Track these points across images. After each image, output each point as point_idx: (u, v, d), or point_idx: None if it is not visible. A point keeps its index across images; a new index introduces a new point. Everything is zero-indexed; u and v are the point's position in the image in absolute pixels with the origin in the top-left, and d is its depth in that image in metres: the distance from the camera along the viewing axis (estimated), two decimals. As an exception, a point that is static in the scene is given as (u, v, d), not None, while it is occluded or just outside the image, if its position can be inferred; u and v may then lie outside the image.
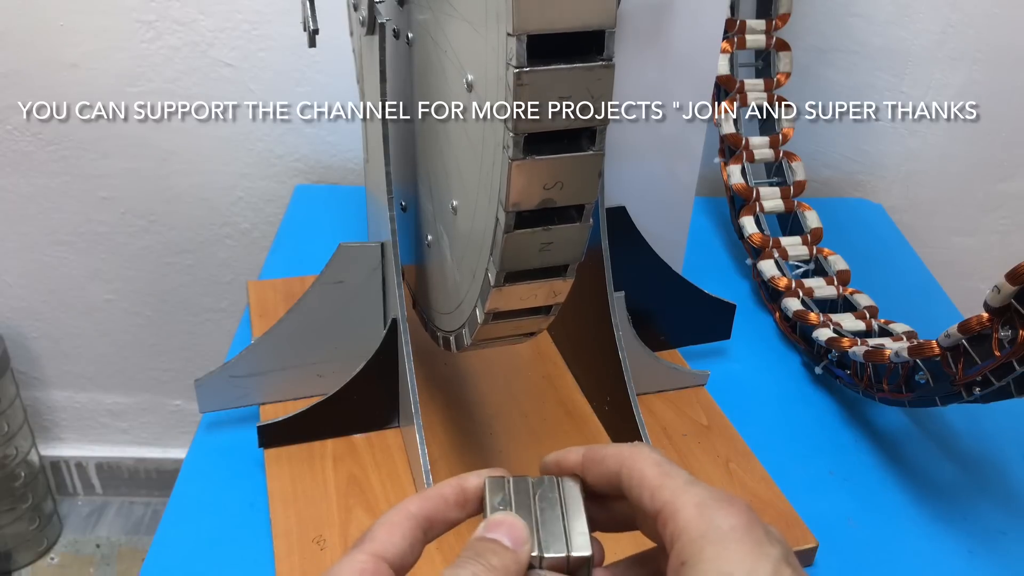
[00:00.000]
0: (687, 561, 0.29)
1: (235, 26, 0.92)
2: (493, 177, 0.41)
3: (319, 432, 0.62)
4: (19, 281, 1.11)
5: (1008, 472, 0.66)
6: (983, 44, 0.94)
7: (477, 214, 0.45)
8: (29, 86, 0.96)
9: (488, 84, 0.40)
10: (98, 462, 1.31)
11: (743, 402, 0.69)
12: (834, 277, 0.78)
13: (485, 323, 0.47)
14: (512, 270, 0.44)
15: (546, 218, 0.42)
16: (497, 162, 0.40)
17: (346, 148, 1.00)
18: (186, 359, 1.18)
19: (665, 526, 0.30)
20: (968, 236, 1.07)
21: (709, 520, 0.29)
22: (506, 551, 0.31)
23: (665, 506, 0.30)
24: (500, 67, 0.38)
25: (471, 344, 0.50)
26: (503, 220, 0.41)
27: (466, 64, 0.43)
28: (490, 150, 0.41)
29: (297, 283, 0.77)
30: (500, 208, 0.41)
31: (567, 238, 0.43)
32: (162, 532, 0.57)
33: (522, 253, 0.43)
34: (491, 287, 0.44)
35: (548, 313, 0.48)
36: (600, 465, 0.33)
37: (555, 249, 0.43)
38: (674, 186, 0.72)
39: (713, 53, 0.67)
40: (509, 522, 0.32)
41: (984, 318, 0.48)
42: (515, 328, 0.49)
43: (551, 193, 0.40)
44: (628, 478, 0.32)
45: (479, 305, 0.47)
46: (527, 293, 0.45)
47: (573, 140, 0.40)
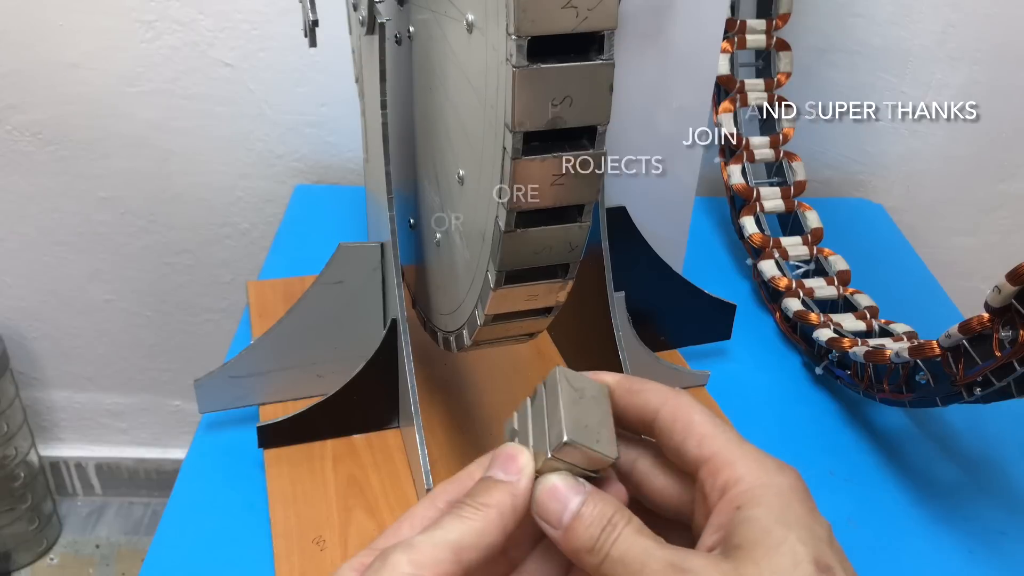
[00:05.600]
0: (743, 506, 0.28)
1: (235, 26, 0.92)
2: (498, 110, 0.39)
3: (319, 432, 0.61)
4: (19, 281, 1.11)
5: (1008, 472, 0.66)
6: (983, 44, 0.94)
7: (484, 167, 0.43)
8: (29, 86, 0.96)
9: (488, 11, 0.38)
10: (98, 462, 1.31)
11: (743, 402, 0.69)
12: (834, 277, 0.78)
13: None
14: (524, 208, 0.41)
15: (556, 144, 0.39)
16: (501, 89, 0.38)
17: (346, 148, 1.00)
18: (186, 359, 1.18)
19: (716, 474, 0.29)
20: (968, 236, 1.07)
21: (769, 475, 0.29)
22: (499, 485, 0.31)
23: (717, 455, 0.30)
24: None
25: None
26: (510, 146, 0.38)
27: (465, 7, 0.41)
28: (493, 80, 0.39)
29: (297, 283, 0.77)
30: (507, 133, 0.38)
31: (580, 168, 0.40)
32: (162, 532, 0.57)
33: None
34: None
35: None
36: (635, 397, 0.32)
37: (568, 183, 0.40)
38: (674, 186, 0.72)
39: (713, 53, 0.67)
40: (505, 454, 0.32)
41: (985, 318, 0.48)
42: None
43: (559, 111, 0.38)
44: (671, 420, 0.31)
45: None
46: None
47: (581, 49, 0.37)
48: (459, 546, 0.29)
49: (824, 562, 0.27)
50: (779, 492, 0.29)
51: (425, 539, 0.29)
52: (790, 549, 0.27)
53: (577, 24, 0.36)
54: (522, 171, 0.39)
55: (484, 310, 0.46)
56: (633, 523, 0.30)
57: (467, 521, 0.30)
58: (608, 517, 0.30)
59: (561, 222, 0.42)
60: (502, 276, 0.44)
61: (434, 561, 0.28)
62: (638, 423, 0.33)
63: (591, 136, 0.39)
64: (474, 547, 0.29)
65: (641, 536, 0.29)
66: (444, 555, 0.28)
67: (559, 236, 0.43)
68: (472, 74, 0.42)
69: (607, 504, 0.30)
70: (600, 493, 0.31)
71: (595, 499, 0.30)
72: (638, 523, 0.30)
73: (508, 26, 0.36)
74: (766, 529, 0.28)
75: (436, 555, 0.28)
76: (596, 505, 0.30)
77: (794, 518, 0.28)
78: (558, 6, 0.35)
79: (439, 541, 0.29)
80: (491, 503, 0.30)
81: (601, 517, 0.30)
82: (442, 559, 0.28)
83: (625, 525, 0.29)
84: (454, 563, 0.29)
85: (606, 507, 0.30)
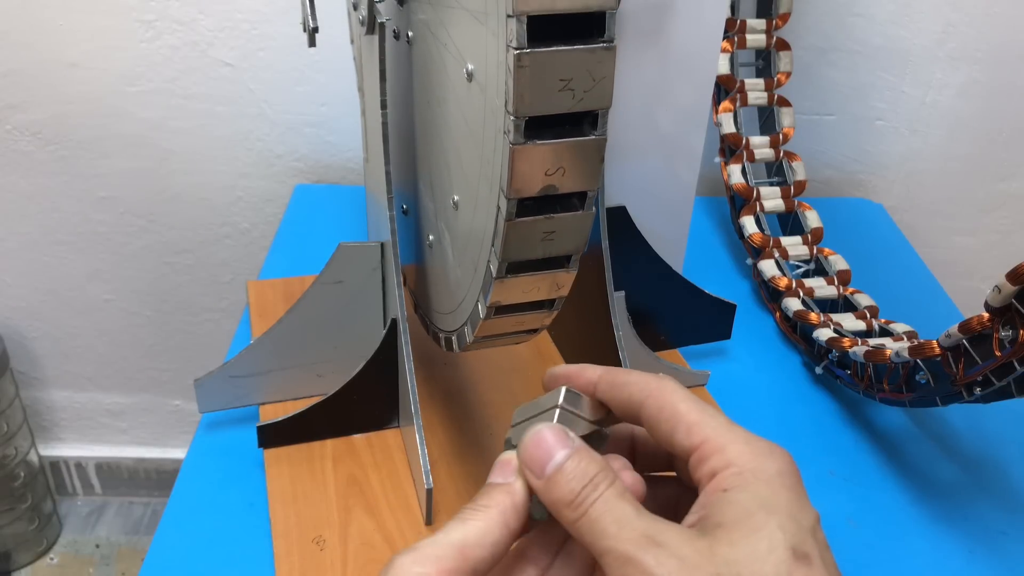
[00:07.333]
0: (730, 488, 0.28)
1: (235, 26, 0.92)
2: (494, 166, 0.41)
3: (319, 432, 0.61)
4: (19, 281, 1.11)
5: (1008, 472, 0.66)
6: (983, 43, 0.94)
7: (478, 206, 0.44)
8: (29, 86, 0.96)
9: (488, 71, 0.40)
10: (98, 462, 1.31)
11: (743, 402, 0.69)
12: (835, 277, 0.78)
13: (487, 318, 0.46)
14: (514, 260, 0.43)
15: (548, 206, 0.41)
16: (498, 150, 0.40)
17: (346, 148, 1.00)
18: (185, 359, 1.18)
19: (706, 460, 0.30)
20: (969, 236, 1.07)
21: (759, 459, 0.29)
22: (498, 487, 0.31)
23: (707, 442, 0.30)
24: (500, 52, 0.37)
25: (473, 342, 0.50)
26: (504, 208, 0.41)
27: (466, 54, 0.43)
28: (491, 138, 0.41)
29: (297, 283, 0.77)
30: (501, 196, 0.40)
31: (570, 227, 0.42)
32: (162, 532, 0.57)
33: (524, 243, 0.42)
34: (493, 279, 0.44)
35: (551, 308, 0.47)
36: (620, 391, 0.33)
37: (557, 238, 0.42)
38: (674, 186, 0.72)
39: (713, 53, 0.67)
40: (501, 462, 0.32)
41: (985, 318, 0.48)
42: (517, 324, 0.49)
43: (553, 179, 0.40)
44: (657, 410, 0.31)
45: (481, 299, 0.46)
46: (529, 285, 0.45)
47: (575, 124, 0.39)
48: (463, 544, 0.29)
49: (802, 551, 0.27)
50: (767, 477, 0.29)
51: (427, 542, 0.30)
52: (768, 535, 0.27)
53: (573, 105, 0.38)
54: (515, 230, 0.41)
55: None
56: (616, 486, 0.30)
57: (468, 522, 0.30)
58: (591, 476, 0.30)
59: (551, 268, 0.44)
60: (491, 309, 0.45)
61: (437, 556, 0.29)
62: (626, 417, 0.33)
63: (582, 199, 0.42)
64: (478, 544, 0.30)
65: (621, 501, 0.29)
66: (448, 552, 0.29)
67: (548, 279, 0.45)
68: (471, 121, 0.43)
69: (592, 463, 0.30)
70: (589, 451, 0.31)
71: (581, 455, 0.30)
72: (621, 487, 0.30)
73: (507, 104, 0.37)
74: (748, 512, 0.28)
75: (439, 552, 0.29)
76: (581, 461, 0.30)
77: (778, 504, 0.28)
78: (556, 89, 0.37)
79: (441, 542, 0.29)
80: (491, 504, 0.31)
81: (584, 475, 0.30)
82: (446, 555, 0.29)
83: (607, 487, 0.29)
84: (459, 559, 0.29)
85: (591, 465, 0.30)
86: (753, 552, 0.27)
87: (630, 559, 0.27)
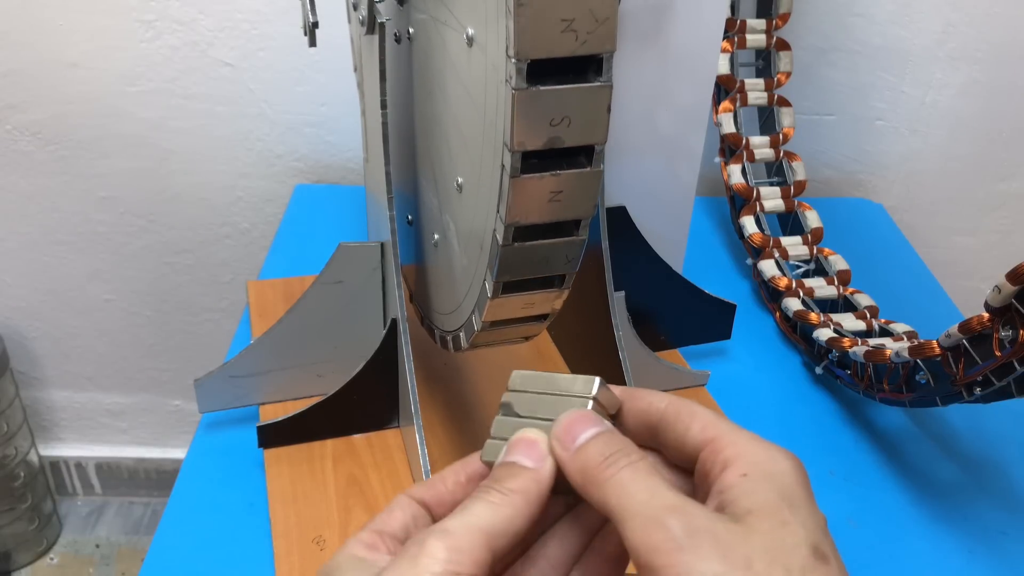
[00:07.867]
0: (750, 474, 0.28)
1: (235, 25, 0.92)
2: (497, 129, 0.39)
3: (319, 432, 0.61)
4: (19, 281, 1.11)
5: (1008, 472, 0.66)
6: (983, 43, 0.94)
7: (482, 179, 0.43)
8: (29, 86, 0.96)
9: (488, 27, 0.39)
10: (97, 462, 1.31)
11: (743, 402, 0.69)
12: (834, 277, 0.78)
13: (495, 295, 0.46)
14: (521, 224, 0.41)
15: (554, 163, 0.40)
16: (500, 108, 0.38)
17: (346, 148, 1.00)
18: (186, 359, 1.18)
19: (720, 452, 0.29)
20: (969, 236, 1.07)
21: (770, 458, 0.29)
22: (525, 472, 0.30)
23: (720, 437, 0.30)
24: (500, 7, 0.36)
25: (480, 331, 0.49)
26: (509, 164, 0.39)
27: (466, 20, 0.42)
28: (492, 97, 0.40)
29: (297, 283, 0.77)
30: (506, 152, 0.39)
31: (577, 186, 0.40)
32: (162, 532, 0.57)
33: (531, 203, 0.41)
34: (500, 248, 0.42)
35: (561, 285, 0.47)
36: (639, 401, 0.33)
37: (565, 199, 0.41)
38: (674, 186, 0.72)
39: (713, 53, 0.67)
40: (525, 440, 0.31)
41: (985, 318, 0.48)
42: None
43: (558, 130, 0.38)
44: (675, 413, 0.31)
45: (488, 276, 0.45)
46: (538, 255, 0.44)
47: (579, 72, 0.38)
48: (491, 533, 0.28)
49: (821, 551, 0.27)
50: (783, 472, 0.29)
51: (459, 524, 0.28)
52: (794, 530, 0.27)
53: (576, 47, 0.36)
54: (520, 189, 0.40)
55: (481, 317, 0.46)
56: (648, 461, 0.29)
57: (496, 507, 0.29)
58: (621, 447, 0.29)
59: (559, 236, 0.43)
60: (499, 286, 0.44)
61: (470, 548, 0.28)
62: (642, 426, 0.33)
63: (589, 155, 0.40)
64: (504, 534, 0.29)
65: (653, 474, 0.29)
66: (479, 541, 0.28)
67: (557, 249, 0.43)
68: (472, 88, 0.43)
69: (625, 442, 0.30)
70: (621, 435, 0.31)
71: (615, 434, 0.30)
72: (652, 465, 0.29)
73: (508, 48, 0.36)
74: (775, 504, 0.27)
75: (472, 542, 0.28)
76: (614, 436, 0.30)
77: (799, 501, 0.28)
78: (558, 30, 0.36)
79: (473, 527, 0.28)
80: (517, 489, 0.30)
81: (613, 445, 0.30)
82: (477, 546, 0.28)
83: (640, 459, 0.29)
84: (487, 550, 0.28)
85: (623, 441, 0.30)
86: (782, 544, 0.27)
87: (661, 523, 0.27)
